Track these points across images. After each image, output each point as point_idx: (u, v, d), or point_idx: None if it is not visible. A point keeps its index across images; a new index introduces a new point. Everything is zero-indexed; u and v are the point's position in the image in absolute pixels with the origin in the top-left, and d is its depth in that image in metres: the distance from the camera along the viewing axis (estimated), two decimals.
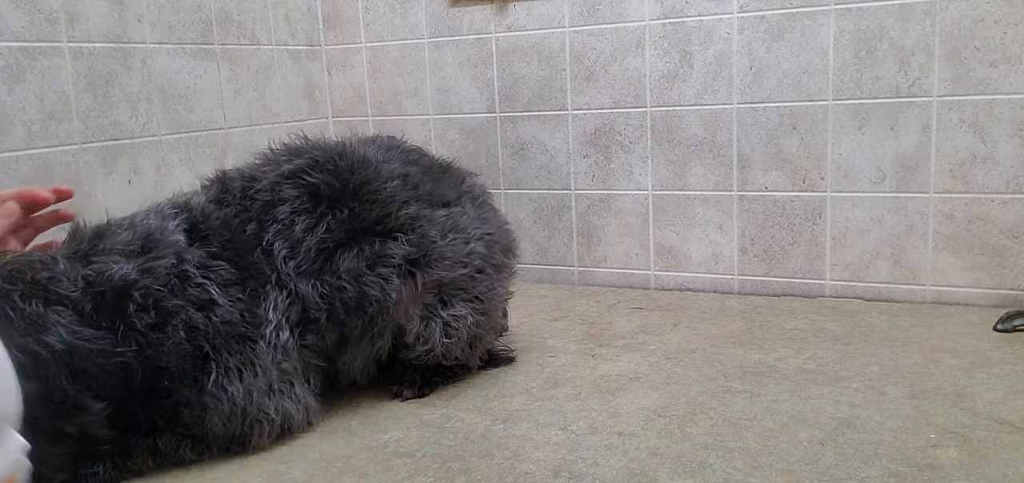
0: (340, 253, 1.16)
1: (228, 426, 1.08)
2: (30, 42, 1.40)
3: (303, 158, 1.21)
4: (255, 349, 1.09)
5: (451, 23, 1.91)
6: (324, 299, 1.15)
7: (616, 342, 1.48)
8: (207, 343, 1.06)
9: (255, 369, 1.09)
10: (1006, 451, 1.00)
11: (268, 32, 1.90)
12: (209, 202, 1.17)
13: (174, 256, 1.07)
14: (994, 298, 1.55)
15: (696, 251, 1.78)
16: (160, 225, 1.10)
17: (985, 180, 1.53)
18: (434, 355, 1.26)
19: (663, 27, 1.72)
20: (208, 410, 1.07)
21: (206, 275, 1.08)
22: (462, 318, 1.25)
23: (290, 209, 1.17)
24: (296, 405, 1.14)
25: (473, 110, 1.94)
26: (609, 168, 1.82)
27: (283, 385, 1.12)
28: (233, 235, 1.14)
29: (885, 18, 1.54)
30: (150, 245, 1.07)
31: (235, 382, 1.07)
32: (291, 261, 1.14)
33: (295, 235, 1.15)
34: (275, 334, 1.11)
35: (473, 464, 1.05)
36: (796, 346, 1.40)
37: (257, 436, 1.11)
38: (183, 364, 1.04)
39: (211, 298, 1.07)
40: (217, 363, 1.06)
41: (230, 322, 1.07)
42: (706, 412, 1.16)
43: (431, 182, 1.30)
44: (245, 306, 1.09)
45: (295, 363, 1.14)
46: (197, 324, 1.05)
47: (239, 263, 1.11)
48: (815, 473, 0.98)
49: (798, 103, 1.64)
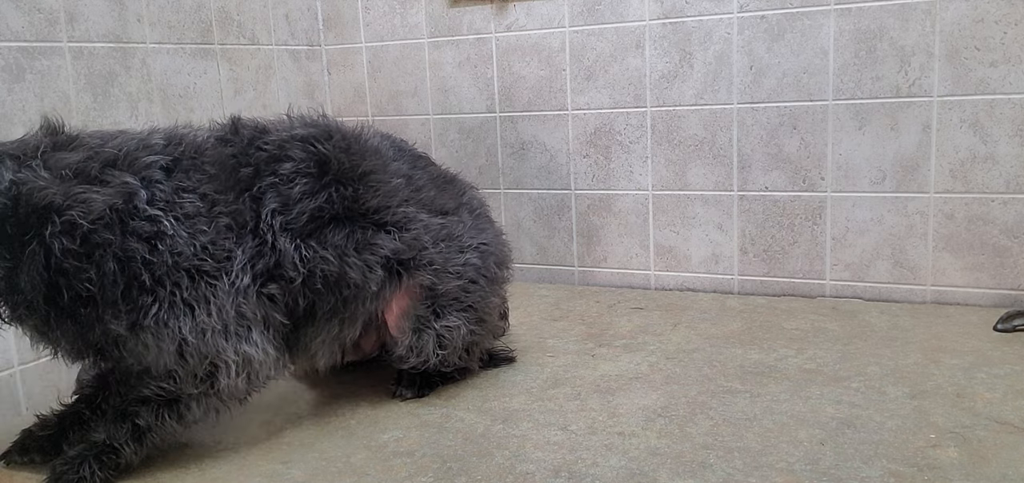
0: (332, 227, 1.15)
1: (185, 366, 1.04)
2: (30, 42, 1.40)
3: (317, 128, 1.21)
4: (214, 287, 1.05)
5: (451, 23, 1.91)
6: (305, 263, 1.12)
7: (616, 342, 1.48)
8: (148, 274, 1.01)
9: (210, 307, 1.04)
10: (1006, 451, 1.00)
11: (268, 32, 1.90)
12: (212, 138, 1.15)
13: (121, 196, 1.01)
14: (994, 298, 1.55)
15: (696, 251, 1.78)
16: (131, 158, 1.05)
17: (985, 180, 1.53)
18: (429, 365, 1.25)
19: (663, 27, 1.72)
20: (148, 347, 1.02)
21: (163, 208, 1.03)
22: (455, 329, 1.24)
23: (293, 168, 1.15)
24: (255, 349, 1.09)
25: (473, 110, 1.94)
26: (609, 168, 1.82)
27: (240, 329, 1.08)
28: (220, 171, 1.11)
29: (885, 18, 1.54)
30: (104, 177, 1.02)
31: (182, 318, 1.03)
32: (279, 215, 1.12)
33: (292, 194, 1.13)
34: (240, 275, 1.07)
35: (473, 464, 1.05)
36: (796, 346, 1.40)
37: (224, 376, 1.07)
38: (109, 294, 1.00)
39: (161, 230, 1.02)
40: (157, 297, 1.02)
41: (183, 255, 1.03)
42: (706, 412, 1.16)
43: (434, 190, 1.30)
44: (209, 239, 1.05)
45: (254, 310, 1.09)
46: (134, 254, 1.00)
47: (215, 199, 1.08)
48: (815, 473, 0.98)
49: (798, 103, 1.64)
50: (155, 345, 1.03)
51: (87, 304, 1.00)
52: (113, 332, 1.02)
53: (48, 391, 1.37)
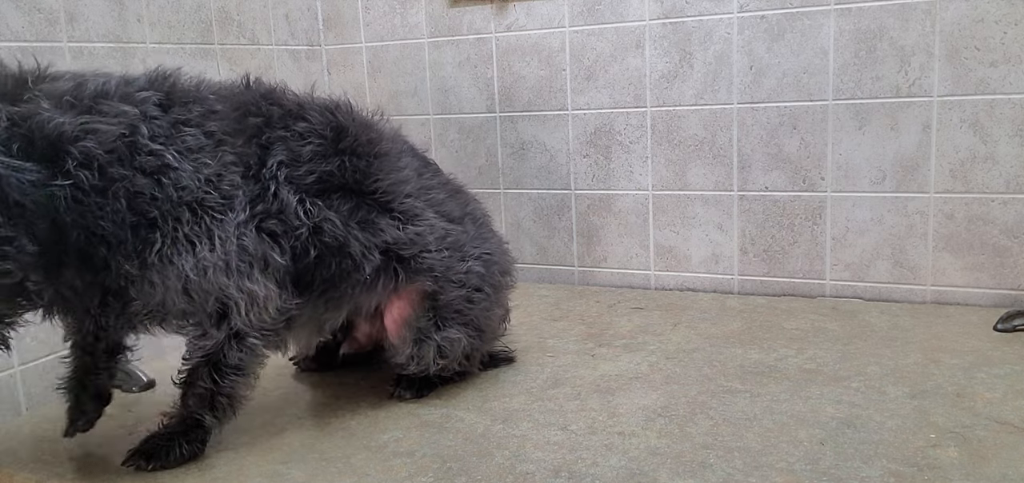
0: (339, 196, 1.14)
1: (193, 303, 1.03)
2: (30, 42, 1.40)
3: (339, 102, 1.21)
4: (218, 221, 1.02)
5: (451, 23, 1.91)
6: (309, 216, 1.10)
7: (616, 342, 1.48)
8: (156, 210, 0.99)
9: (211, 242, 1.02)
10: (1006, 451, 1.00)
11: (268, 32, 1.90)
12: (219, 84, 1.13)
13: (126, 126, 0.97)
14: (994, 298, 1.55)
15: (696, 251, 1.78)
16: (121, 91, 1.01)
17: (985, 180, 1.53)
18: (429, 372, 1.25)
19: (663, 27, 1.72)
20: (155, 285, 1.00)
21: (164, 142, 1.00)
22: (456, 341, 1.24)
23: (308, 128, 1.14)
24: (258, 287, 1.07)
25: (473, 110, 1.94)
26: (609, 168, 1.82)
27: (242, 264, 1.05)
28: (231, 112, 1.09)
29: (885, 18, 1.54)
30: (99, 107, 0.97)
31: (184, 255, 1.00)
32: (285, 168, 1.10)
33: (302, 152, 1.12)
34: (243, 210, 1.05)
35: (473, 464, 1.05)
36: (796, 346, 1.40)
37: (235, 314, 1.05)
38: (121, 232, 0.97)
39: (165, 163, 0.99)
40: (162, 233, 0.99)
41: (187, 188, 1.00)
42: (706, 412, 1.16)
43: (443, 194, 1.30)
44: (214, 171, 1.03)
45: (255, 246, 1.07)
46: (142, 190, 0.97)
47: (222, 138, 1.06)
48: (815, 473, 0.98)
49: (798, 103, 1.64)
50: (161, 283, 1.00)
51: (104, 244, 0.97)
52: (126, 273, 0.99)
53: (48, 391, 1.37)
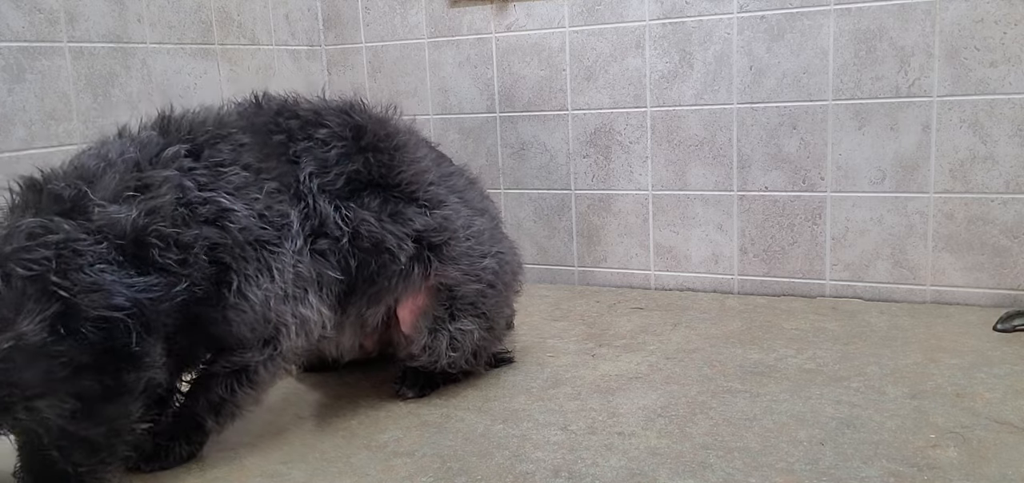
0: (368, 193, 1.17)
1: (255, 332, 1.08)
2: (30, 42, 1.40)
3: (351, 101, 1.23)
4: (275, 253, 1.08)
5: (451, 23, 1.91)
6: (346, 222, 1.14)
7: (616, 342, 1.48)
8: (227, 255, 1.04)
9: (272, 273, 1.07)
10: (1006, 451, 1.00)
11: (268, 32, 1.90)
12: (235, 111, 1.16)
13: (175, 190, 1.02)
14: (994, 298, 1.55)
15: (696, 251, 1.78)
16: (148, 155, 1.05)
17: (985, 180, 1.53)
18: (439, 365, 1.26)
19: (663, 27, 1.72)
20: (232, 322, 1.05)
21: (211, 188, 1.05)
22: (468, 333, 1.25)
23: (329, 133, 1.17)
24: (310, 311, 1.12)
25: (473, 110, 1.94)
26: (609, 168, 1.82)
27: (298, 290, 1.11)
28: (256, 139, 1.12)
29: (885, 18, 1.55)
30: (145, 182, 1.02)
31: (254, 287, 1.06)
32: (316, 178, 1.14)
33: (328, 157, 1.15)
34: (294, 238, 1.10)
35: (473, 464, 1.05)
36: (796, 346, 1.40)
37: (285, 338, 1.10)
38: (209, 285, 1.02)
39: (223, 208, 1.04)
40: (236, 272, 1.05)
41: (247, 228, 1.06)
42: (706, 412, 1.16)
43: (463, 181, 1.33)
44: (264, 206, 1.08)
45: (309, 269, 1.12)
46: (216, 240, 1.03)
47: (259, 168, 1.10)
48: (815, 473, 0.98)
49: (798, 103, 1.64)
50: (236, 319, 1.05)
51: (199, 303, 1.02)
52: (209, 316, 1.04)
53: None
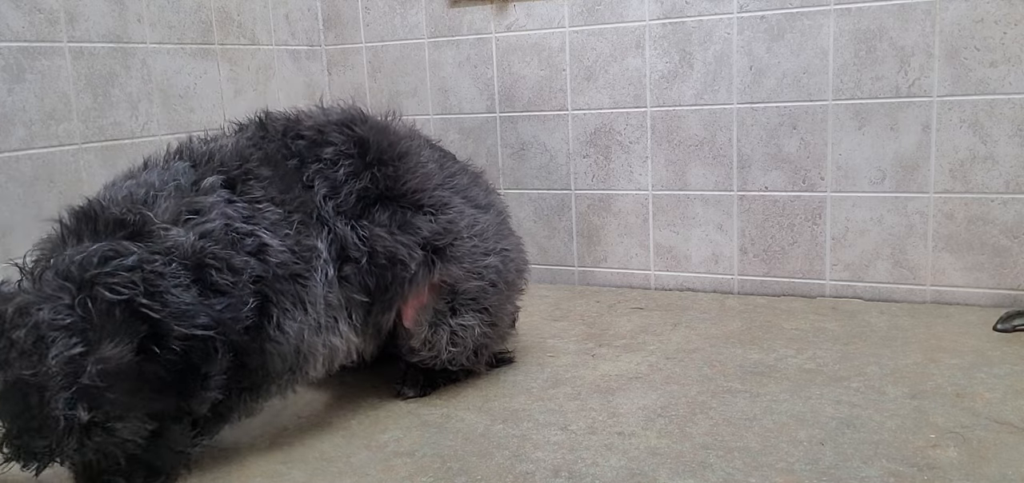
0: (378, 207, 1.18)
1: (285, 363, 1.09)
2: (30, 42, 1.40)
3: (351, 113, 1.24)
4: (306, 286, 1.09)
5: (451, 23, 1.91)
6: (364, 242, 1.15)
7: (616, 342, 1.48)
8: (268, 288, 1.05)
9: (305, 306, 1.09)
10: (1006, 451, 1.00)
11: (268, 32, 1.90)
12: (245, 141, 1.16)
13: (222, 216, 1.04)
14: (994, 298, 1.55)
15: (696, 251, 1.78)
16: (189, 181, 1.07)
17: (985, 180, 1.53)
18: (439, 361, 1.26)
19: (663, 27, 1.72)
20: (269, 354, 1.06)
21: (253, 222, 1.06)
22: (469, 328, 1.26)
23: (335, 152, 1.17)
24: (340, 339, 1.14)
25: (473, 110, 1.94)
26: (609, 168, 1.82)
27: (329, 320, 1.12)
28: (276, 171, 1.13)
29: (885, 18, 1.55)
30: (195, 207, 1.04)
31: (290, 320, 1.07)
32: (330, 201, 1.15)
33: (337, 177, 1.16)
34: (325, 268, 1.11)
35: (473, 464, 1.05)
36: (796, 346, 1.40)
37: (312, 367, 1.12)
38: (252, 315, 1.03)
39: (263, 243, 1.06)
40: (276, 305, 1.06)
41: (284, 263, 1.07)
42: (706, 412, 1.16)
43: (467, 178, 1.33)
44: (294, 241, 1.09)
45: (338, 297, 1.14)
46: (259, 273, 1.04)
47: (283, 200, 1.11)
48: (815, 473, 0.98)
49: (798, 103, 1.64)
50: (273, 352, 1.07)
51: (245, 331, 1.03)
52: (246, 346, 1.05)
53: None
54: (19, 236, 1.39)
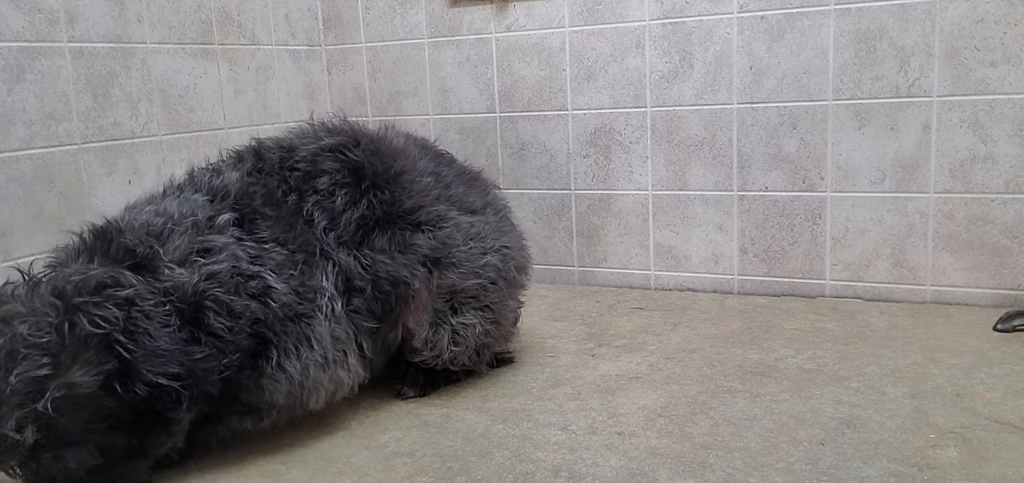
0: (377, 232, 1.18)
1: (288, 398, 1.10)
2: (30, 42, 1.40)
3: (343, 135, 1.23)
4: (311, 324, 1.10)
5: (451, 23, 1.91)
6: (367, 270, 1.16)
7: (616, 342, 1.48)
8: (268, 330, 1.06)
9: (311, 344, 1.10)
10: (1006, 451, 1.00)
11: (268, 32, 1.90)
12: (247, 176, 1.17)
13: (231, 258, 1.05)
14: (994, 298, 1.55)
15: (696, 251, 1.78)
16: (205, 216, 1.08)
17: (985, 180, 1.53)
18: (441, 361, 1.26)
19: (663, 27, 1.72)
20: (266, 390, 1.07)
21: (259, 263, 1.07)
22: (470, 327, 1.26)
23: (330, 181, 1.18)
24: (347, 372, 1.15)
25: (473, 110, 1.94)
26: (609, 168, 1.82)
27: (337, 354, 1.13)
28: (278, 210, 1.14)
29: (885, 18, 1.54)
30: (207, 246, 1.05)
31: (293, 360, 1.08)
32: (331, 232, 1.15)
33: (335, 207, 1.17)
34: (330, 304, 1.12)
35: (473, 464, 1.05)
36: (796, 346, 1.40)
37: (314, 401, 1.13)
38: (245, 356, 1.04)
39: (268, 285, 1.06)
40: (277, 346, 1.07)
41: (287, 305, 1.08)
42: (706, 412, 1.16)
43: (462, 186, 1.32)
44: (298, 282, 1.10)
45: (347, 329, 1.14)
46: (259, 316, 1.05)
47: (286, 238, 1.12)
48: (815, 473, 0.98)
49: (798, 103, 1.64)
50: (271, 387, 1.08)
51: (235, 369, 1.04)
52: (242, 383, 1.06)
53: None
54: (19, 236, 1.39)
